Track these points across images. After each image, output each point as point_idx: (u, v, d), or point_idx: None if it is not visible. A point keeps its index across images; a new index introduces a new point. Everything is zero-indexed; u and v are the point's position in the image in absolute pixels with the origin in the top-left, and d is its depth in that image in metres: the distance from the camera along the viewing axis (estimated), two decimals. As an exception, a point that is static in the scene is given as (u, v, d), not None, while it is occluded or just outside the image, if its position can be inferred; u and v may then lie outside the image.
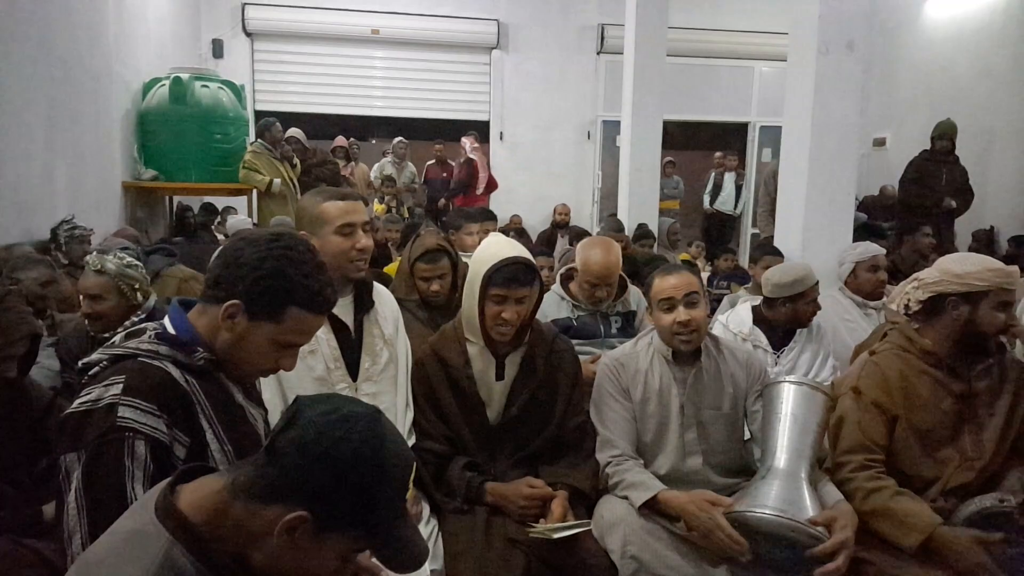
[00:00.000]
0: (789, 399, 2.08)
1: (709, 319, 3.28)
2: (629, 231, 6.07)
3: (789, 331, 3.04)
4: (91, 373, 1.33)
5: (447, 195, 8.75)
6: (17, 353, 1.94)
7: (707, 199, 9.78)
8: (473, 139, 8.77)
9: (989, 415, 2.10)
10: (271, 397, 1.97)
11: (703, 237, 9.14)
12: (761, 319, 3.08)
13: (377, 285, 2.31)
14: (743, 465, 2.31)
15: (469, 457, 2.21)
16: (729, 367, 2.31)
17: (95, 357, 1.35)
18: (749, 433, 2.33)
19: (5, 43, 4.18)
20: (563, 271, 3.21)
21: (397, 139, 8.86)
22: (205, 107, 6.48)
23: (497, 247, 2.15)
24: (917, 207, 6.60)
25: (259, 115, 8.26)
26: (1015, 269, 2.07)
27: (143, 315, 2.60)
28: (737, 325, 3.10)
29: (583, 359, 2.55)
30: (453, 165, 8.98)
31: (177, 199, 7.33)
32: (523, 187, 9.87)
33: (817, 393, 2.09)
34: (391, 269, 3.98)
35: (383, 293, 2.34)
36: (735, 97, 10.42)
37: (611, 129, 9.35)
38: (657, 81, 6.51)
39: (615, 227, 5.73)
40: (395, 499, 1.07)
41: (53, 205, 4.69)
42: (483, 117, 9.89)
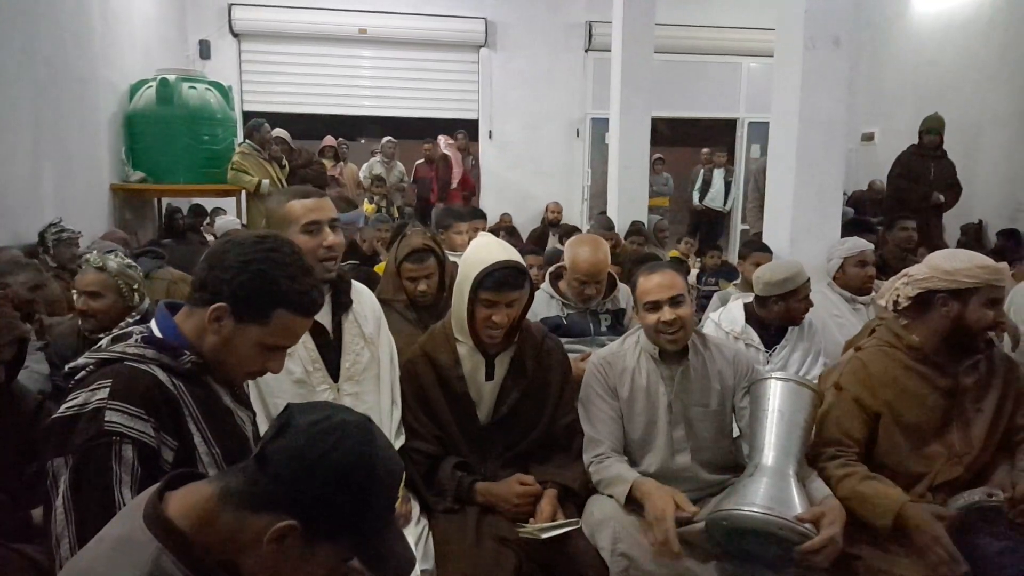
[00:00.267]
0: (776, 395, 2.08)
1: (699, 316, 3.26)
2: (620, 229, 6.06)
3: (781, 329, 3.04)
4: (78, 378, 1.33)
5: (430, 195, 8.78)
6: (5, 358, 1.93)
7: (696, 196, 9.78)
8: (448, 137, 8.78)
9: (977, 410, 2.11)
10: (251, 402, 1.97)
11: (689, 232, 9.15)
12: (753, 317, 3.07)
13: (356, 283, 2.29)
14: (732, 461, 2.31)
15: (459, 457, 2.21)
16: (717, 364, 2.30)
17: (81, 361, 1.34)
18: (738, 430, 2.33)
19: (-11, 47, 4.17)
20: (552, 269, 3.20)
21: (385, 139, 8.83)
22: (193, 108, 6.45)
23: (488, 250, 2.14)
24: (905, 202, 6.60)
25: (247, 116, 8.21)
26: (1004, 266, 2.08)
27: (138, 316, 2.60)
28: (729, 323, 3.08)
29: (573, 358, 2.55)
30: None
31: (166, 201, 7.29)
32: (512, 185, 9.86)
33: (804, 389, 2.09)
34: (381, 268, 3.97)
35: (363, 292, 2.31)
36: (723, 93, 10.40)
37: (600, 126, 9.33)
38: (645, 78, 6.51)
39: (605, 225, 5.72)
40: (385, 509, 1.07)
41: (40, 208, 4.67)
42: (472, 116, 9.86)
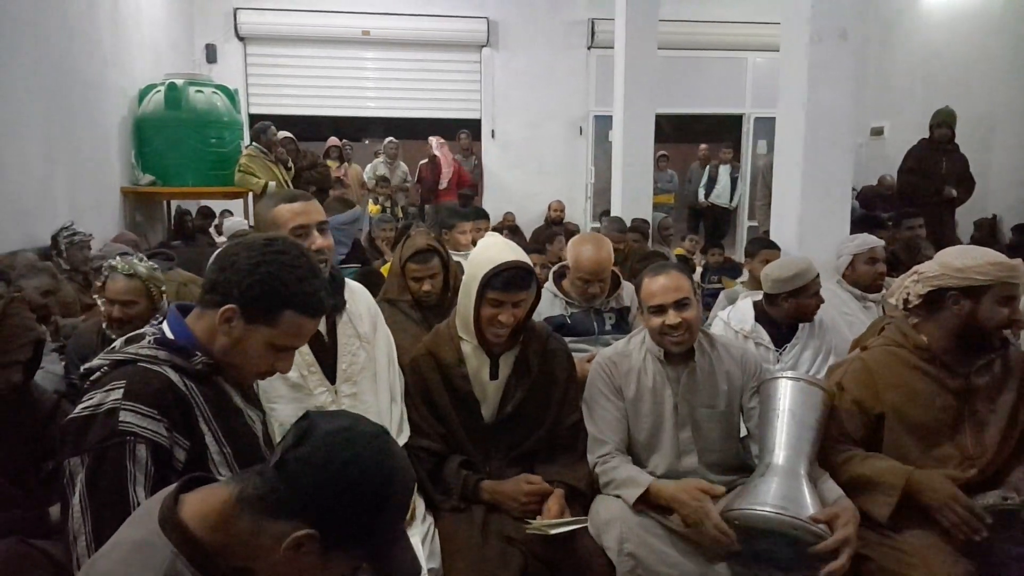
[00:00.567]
0: (786, 395, 2.05)
1: (705, 315, 3.22)
2: (625, 227, 5.95)
3: (792, 327, 2.96)
4: (93, 378, 1.35)
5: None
6: (22, 359, 1.98)
7: (702, 192, 9.72)
8: (439, 138, 8.81)
9: (991, 411, 2.03)
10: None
11: (690, 229, 9.08)
12: (763, 316, 2.99)
13: (351, 283, 2.28)
14: (739, 463, 2.28)
15: (464, 456, 2.21)
16: (724, 364, 2.27)
17: (96, 362, 1.38)
18: (746, 430, 2.30)
19: (2, 53, 4.21)
20: (556, 268, 3.19)
21: (388, 139, 8.87)
22: (200, 112, 6.51)
23: (496, 250, 2.14)
24: (916, 197, 6.47)
25: (253, 118, 8.24)
26: (1019, 262, 1.98)
27: (161, 318, 2.61)
28: (739, 322, 3.01)
29: (578, 358, 2.54)
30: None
31: (175, 203, 7.36)
32: (515, 184, 9.85)
33: (815, 388, 2.06)
34: (386, 269, 3.99)
35: (357, 291, 2.30)
36: (728, 89, 10.31)
37: (603, 124, 9.31)
38: (649, 75, 6.48)
39: (618, 227, 5.51)
40: (398, 520, 1.09)
41: (53, 211, 4.73)
42: (474, 115, 9.87)
